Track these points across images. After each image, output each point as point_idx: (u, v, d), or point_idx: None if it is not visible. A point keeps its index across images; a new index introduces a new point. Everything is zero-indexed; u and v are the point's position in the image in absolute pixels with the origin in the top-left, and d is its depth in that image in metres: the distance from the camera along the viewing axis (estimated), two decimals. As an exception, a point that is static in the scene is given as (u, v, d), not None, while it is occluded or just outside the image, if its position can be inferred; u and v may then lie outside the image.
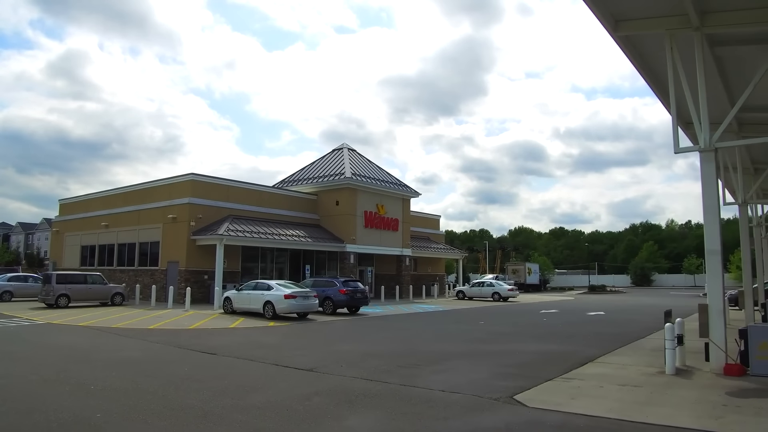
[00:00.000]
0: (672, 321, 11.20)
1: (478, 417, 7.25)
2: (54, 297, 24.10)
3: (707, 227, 11.09)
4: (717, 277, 10.86)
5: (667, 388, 9.13)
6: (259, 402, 7.98)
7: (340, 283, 23.89)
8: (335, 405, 7.82)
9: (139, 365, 11.14)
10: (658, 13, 11.50)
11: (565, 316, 24.91)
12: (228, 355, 12.32)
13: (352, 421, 7.06)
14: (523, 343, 15.13)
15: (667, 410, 7.66)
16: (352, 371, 10.40)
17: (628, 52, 13.16)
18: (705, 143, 11.20)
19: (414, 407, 7.73)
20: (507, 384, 9.29)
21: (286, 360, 11.66)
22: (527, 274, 59.13)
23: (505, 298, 37.73)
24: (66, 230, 38.08)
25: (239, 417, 7.12)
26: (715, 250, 10.84)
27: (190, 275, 27.69)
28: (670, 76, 11.72)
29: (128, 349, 13.42)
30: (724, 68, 13.92)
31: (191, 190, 28.82)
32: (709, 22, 11.24)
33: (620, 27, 11.90)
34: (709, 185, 11.10)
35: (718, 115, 17.13)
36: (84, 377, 9.65)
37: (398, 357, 12.40)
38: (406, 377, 9.86)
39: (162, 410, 7.41)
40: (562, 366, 11.11)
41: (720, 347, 10.53)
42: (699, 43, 11.27)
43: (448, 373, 10.49)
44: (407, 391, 8.79)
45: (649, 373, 10.49)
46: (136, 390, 8.67)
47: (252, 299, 21.51)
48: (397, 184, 38.73)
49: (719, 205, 11.09)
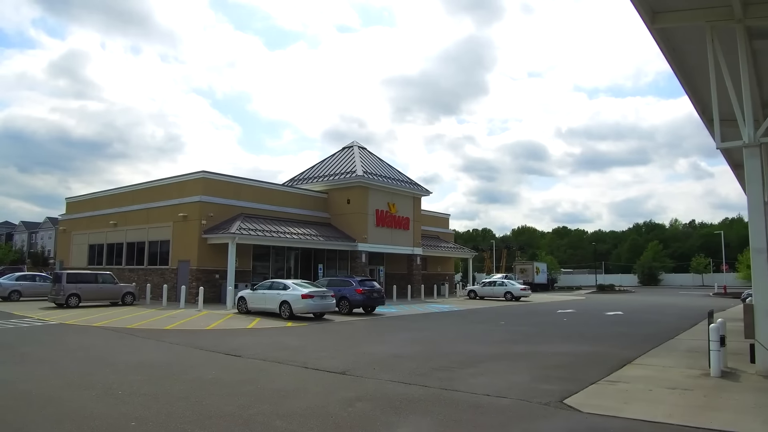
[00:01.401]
0: (714, 321, 10.83)
1: (535, 424, 6.88)
2: (64, 297, 23.77)
3: (752, 225, 10.71)
4: (764, 276, 10.47)
5: (720, 392, 8.76)
6: (300, 408, 7.59)
7: (356, 283, 23.48)
8: (381, 411, 7.44)
9: (163, 368, 10.75)
10: (698, 5, 11.15)
11: (584, 317, 24.47)
12: (253, 357, 11.95)
13: (403, 429, 6.66)
14: (552, 345, 14.74)
15: (728, 415, 7.31)
16: (386, 374, 10.02)
17: (662, 44, 12.80)
18: (749, 138, 10.82)
19: (464, 414, 7.35)
20: (552, 388, 8.91)
21: (314, 362, 11.28)
22: (535, 274, 58.79)
23: (517, 297, 37.34)
24: (73, 229, 37.72)
25: (283, 425, 6.75)
26: (762, 248, 10.47)
27: (202, 274, 27.31)
28: (711, 70, 11.33)
29: (148, 350, 13.07)
30: (758, 62, 13.57)
31: (202, 188, 28.41)
32: (751, 14, 10.88)
33: (658, 19, 11.53)
34: (754, 181, 10.74)
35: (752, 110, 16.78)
36: (109, 381, 9.26)
37: (429, 359, 12.01)
38: (444, 380, 9.47)
39: (198, 418, 7.02)
40: (602, 368, 10.74)
41: (767, 348, 10.15)
42: (742, 36, 10.94)
43: (486, 376, 10.10)
44: (450, 395, 8.42)
45: (694, 375, 10.12)
46: (167, 395, 8.29)
47: (267, 299, 21.12)
48: (408, 182, 38.35)
49: (764, 203, 10.69)
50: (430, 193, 39.36)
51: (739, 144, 11.03)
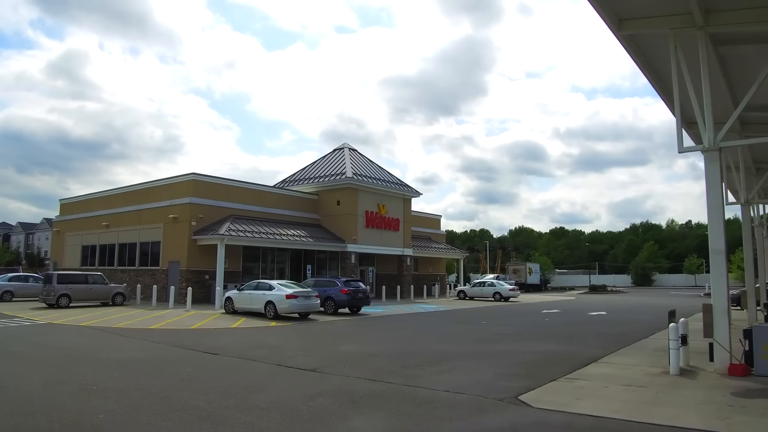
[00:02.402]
0: (676, 321, 11.17)
1: (483, 418, 7.21)
2: (55, 297, 24.05)
3: (712, 227, 11.06)
4: (721, 277, 10.81)
5: (671, 389, 9.09)
6: (263, 402, 7.94)
7: (341, 283, 23.83)
8: (339, 405, 7.78)
9: (141, 366, 11.09)
10: (661, 12, 11.42)
11: (566, 316, 24.87)
12: (230, 356, 12.28)
13: (356, 422, 7.02)
14: (526, 343, 15.09)
15: (672, 410, 7.63)
16: (355, 372, 10.36)
17: (631, 51, 13.11)
18: (709, 143, 11.16)
19: (418, 408, 7.70)
20: (511, 384, 9.24)
21: (288, 360, 11.62)
22: (528, 274, 59.07)
23: (506, 298, 37.68)
24: (67, 230, 38.03)
25: (243, 418, 7.09)
26: (720, 249, 10.81)
27: (191, 275, 27.64)
28: (674, 76, 11.67)
29: (130, 349, 13.38)
30: (728, 67, 13.88)
31: (192, 189, 28.76)
32: (713, 21, 11.19)
33: (624, 26, 11.85)
34: (713, 185, 11.06)
35: (722, 114, 17.08)
36: (86, 378, 9.60)
37: (401, 357, 12.36)
38: (409, 378, 9.82)
39: (165, 411, 7.37)
40: (566, 366, 11.07)
41: (724, 347, 10.48)
42: (703, 43, 11.23)
43: (451, 373, 10.45)
44: (411, 391, 8.75)
45: (654, 374, 10.45)
46: (138, 390, 8.63)
47: (253, 299, 21.46)
48: (398, 183, 38.68)
49: (723, 205, 11.02)
50: (420, 194, 39.77)
51: (699, 149, 11.36)
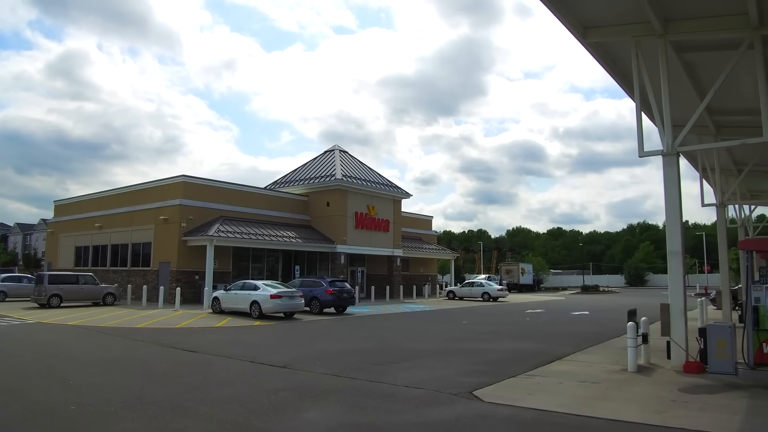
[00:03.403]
0: (636, 320, 11.57)
1: (431, 411, 7.61)
2: (46, 297, 24.49)
3: (669, 229, 11.47)
4: (678, 278, 11.23)
5: (623, 385, 9.47)
6: (228, 396, 8.34)
7: (326, 284, 24.27)
8: (299, 399, 8.19)
9: (120, 362, 11.50)
10: (624, 20, 11.78)
11: (549, 316, 25.29)
12: (208, 353, 12.67)
13: (310, 413, 7.43)
14: (500, 342, 15.50)
15: (615, 405, 8.00)
16: (324, 368, 10.76)
17: (599, 57, 13.51)
18: (668, 147, 11.58)
19: (373, 401, 8.10)
20: (471, 380, 9.62)
21: (263, 358, 12.02)
22: (521, 274, 59.46)
23: (495, 298, 38.12)
24: (61, 231, 38.44)
25: (205, 409, 7.50)
26: (677, 251, 11.23)
27: (181, 275, 28.04)
28: (635, 82, 12.06)
29: (113, 347, 13.78)
30: (696, 73, 14.28)
31: (182, 191, 29.18)
32: (672, 30, 11.59)
33: (589, 34, 12.23)
34: (671, 188, 11.44)
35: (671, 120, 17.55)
36: (65, 373, 10.04)
37: (373, 354, 12.77)
38: (374, 374, 10.22)
39: (133, 403, 7.78)
40: (530, 363, 11.45)
41: (680, 345, 10.88)
42: (663, 50, 11.61)
43: (417, 370, 10.83)
44: (372, 386, 9.16)
45: (612, 371, 10.82)
46: (112, 385, 9.05)
47: (239, 299, 21.89)
48: (387, 185, 39.08)
49: (681, 208, 11.42)
50: (410, 195, 40.16)
51: (658, 153, 11.76)
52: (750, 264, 10.65)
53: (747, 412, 7.72)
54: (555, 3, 10.98)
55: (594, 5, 11.52)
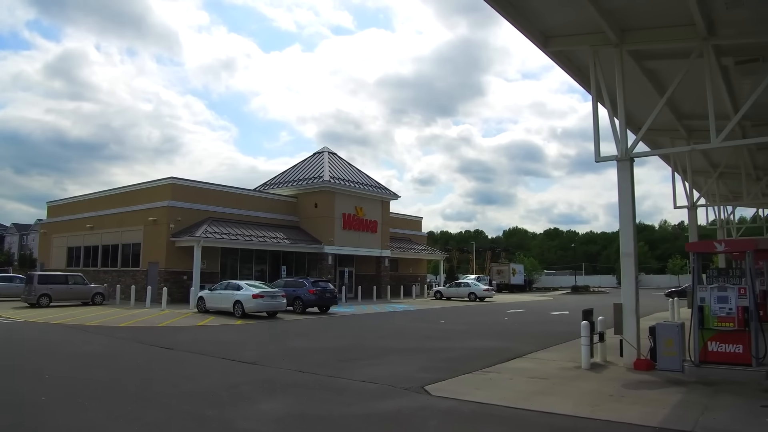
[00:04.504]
0: (591, 319, 12.05)
1: (378, 403, 8.12)
2: (36, 297, 24.99)
3: (623, 231, 11.96)
4: (631, 278, 11.71)
5: (571, 381, 9.92)
6: (191, 389, 8.86)
7: (309, 284, 24.80)
8: (257, 392, 8.70)
9: (97, 358, 12.00)
10: (583, 30, 12.22)
11: (528, 316, 25.79)
12: (183, 350, 13.18)
13: (263, 405, 7.94)
14: (470, 340, 15.98)
15: (553, 399, 8.42)
16: (290, 364, 11.25)
17: (563, 65, 14.03)
18: (622, 153, 12.07)
19: (325, 394, 8.61)
20: (427, 376, 10.08)
21: (235, 354, 12.51)
22: (512, 275, 59.97)
23: (481, 298, 38.68)
24: (53, 232, 38.90)
25: (166, 401, 8.04)
26: (629, 252, 11.72)
27: (170, 276, 28.53)
28: (593, 90, 12.56)
29: (93, 344, 14.26)
30: (659, 80, 14.77)
31: (171, 193, 29.70)
32: (629, 39, 12.08)
33: (550, 43, 12.72)
34: (624, 193, 11.94)
35: (664, 122, 18.09)
36: (42, 368, 10.56)
37: (343, 352, 13.26)
38: (337, 370, 10.70)
39: (100, 395, 8.33)
40: (490, 361, 11.87)
41: (631, 344, 11.36)
42: (619, 59, 12.09)
43: (380, 366, 11.31)
44: (331, 381, 9.66)
45: (566, 368, 11.25)
46: (85, 379, 9.63)
47: (223, 299, 22.41)
48: (376, 186, 39.59)
49: (634, 212, 11.91)
50: (399, 197, 40.72)
51: (613, 158, 12.25)
52: (697, 265, 11.11)
53: (676, 405, 8.15)
54: (514, 15, 11.44)
55: (553, 16, 11.97)
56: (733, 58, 12.72)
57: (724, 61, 12.93)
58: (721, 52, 12.45)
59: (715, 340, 10.40)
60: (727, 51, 12.53)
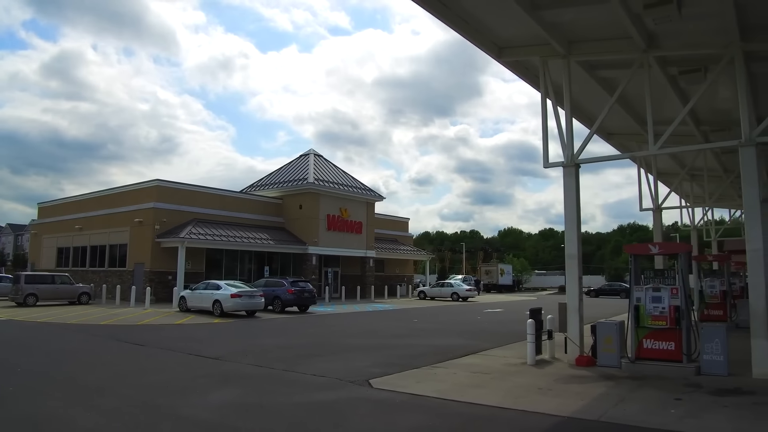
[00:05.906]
0: (540, 318, 12.73)
1: (319, 394, 8.78)
2: (23, 296, 25.68)
3: (567, 234, 12.64)
4: (574, 279, 12.36)
5: (510, 376, 10.49)
6: (150, 381, 9.53)
7: (288, 284, 25.45)
8: (211, 384, 9.38)
9: (70, 354, 12.71)
10: (533, 42, 12.80)
11: (503, 315, 26.45)
12: (154, 347, 13.83)
13: (213, 395, 8.60)
14: (434, 338, 16.62)
15: (484, 392, 9.00)
16: (251, 359, 11.91)
17: (520, 74, 14.68)
18: (568, 159, 12.75)
19: (273, 386, 9.28)
20: (376, 371, 10.69)
21: (202, 351, 13.14)
22: (500, 275, 60.67)
23: (464, 298, 39.38)
24: (43, 232, 39.51)
25: (125, 391, 8.72)
26: (574, 254, 12.36)
27: (155, 276, 29.20)
28: (542, 98, 13.23)
29: (69, 341, 14.94)
30: (615, 89, 15.32)
31: (156, 195, 30.40)
32: (576, 51, 12.75)
33: (504, 53, 13.37)
34: (569, 197, 12.63)
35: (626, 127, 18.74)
36: (15, 362, 11.23)
37: (307, 348, 13.93)
38: (293, 365, 11.35)
39: (66, 386, 9.05)
40: (443, 357, 12.44)
41: (574, 341, 12.02)
42: (566, 69, 12.75)
43: (336, 362, 11.92)
44: (283, 375, 10.33)
45: (512, 364, 11.81)
46: (55, 372, 10.40)
47: (203, 298, 23.08)
48: (361, 188, 40.28)
49: (579, 216, 12.58)
50: (384, 198, 41.47)
51: (560, 164, 12.91)
52: (635, 266, 11.77)
53: (595, 398, 8.69)
54: (466, 29, 12.07)
55: (505, 29, 12.55)
56: (677, 68, 13.37)
57: (671, 70, 13.62)
58: (666, 62, 13.18)
59: (649, 337, 11.06)
60: (672, 61, 13.22)
